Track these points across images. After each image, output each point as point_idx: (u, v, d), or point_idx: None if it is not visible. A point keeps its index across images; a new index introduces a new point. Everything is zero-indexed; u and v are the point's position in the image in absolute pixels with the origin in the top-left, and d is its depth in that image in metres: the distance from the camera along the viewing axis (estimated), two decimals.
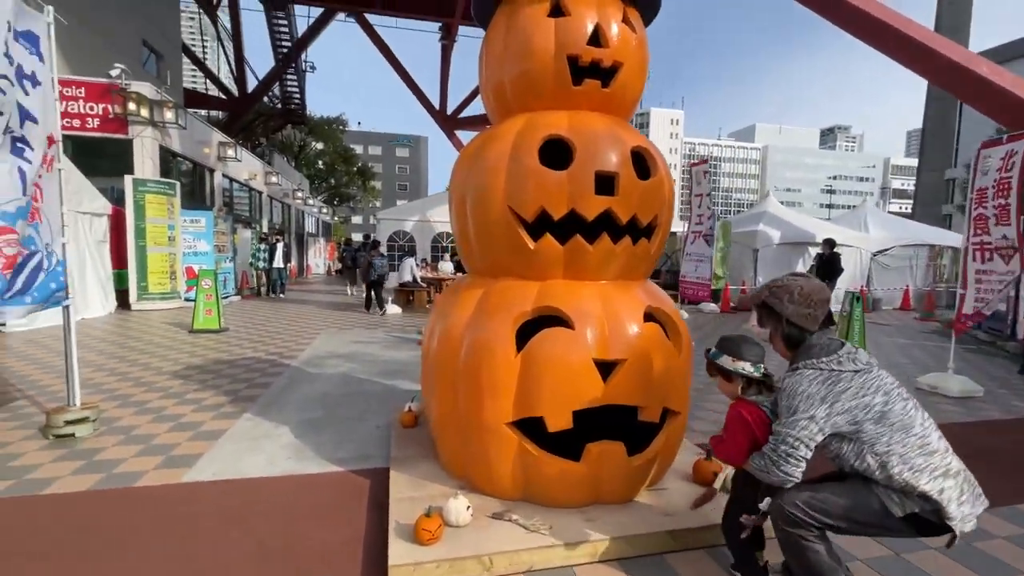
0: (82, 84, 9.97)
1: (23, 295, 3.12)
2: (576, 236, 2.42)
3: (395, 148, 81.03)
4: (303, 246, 26.39)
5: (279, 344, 6.85)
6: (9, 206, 3.06)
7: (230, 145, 14.09)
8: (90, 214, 9.32)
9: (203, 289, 7.64)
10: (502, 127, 2.59)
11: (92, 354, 5.97)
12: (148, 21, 18.25)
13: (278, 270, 13.40)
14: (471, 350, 2.40)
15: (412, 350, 6.68)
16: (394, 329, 8.46)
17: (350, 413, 4.07)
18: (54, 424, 3.39)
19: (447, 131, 31.18)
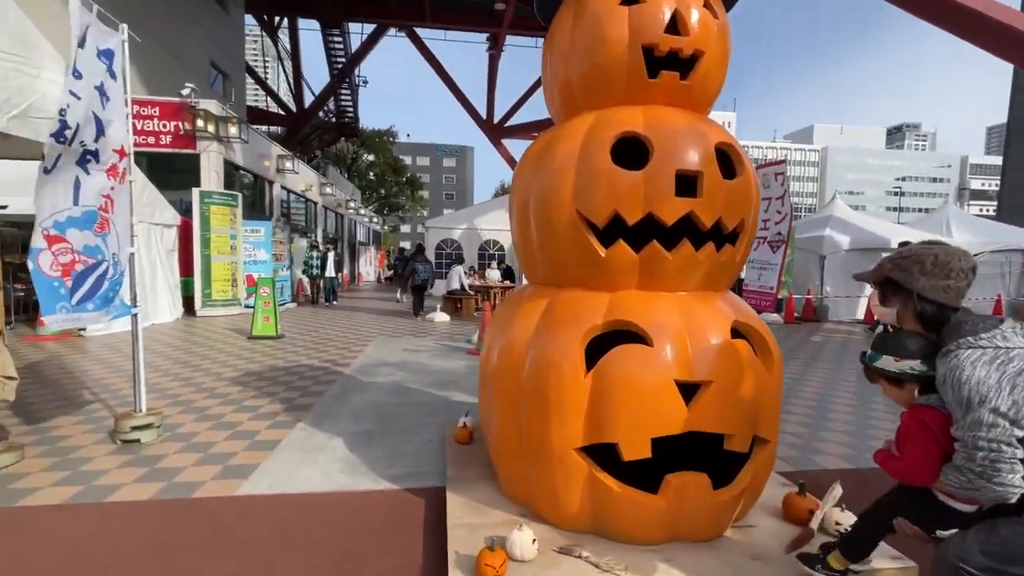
0: (157, 103, 10.63)
1: (85, 302, 3.20)
2: (652, 242, 2.18)
3: (442, 158, 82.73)
4: (355, 254, 27.18)
5: (332, 351, 6.92)
6: (60, 215, 3.14)
7: (288, 158, 14.66)
8: (161, 225, 9.86)
9: (261, 297, 7.87)
10: (569, 126, 2.40)
11: (160, 358, 6.21)
12: (216, 44, 19.40)
13: (329, 278, 13.68)
14: (536, 367, 2.21)
15: (462, 359, 6.57)
16: (443, 337, 8.41)
17: (402, 425, 3.97)
18: (121, 429, 3.46)
19: (494, 140, 31.44)
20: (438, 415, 4.22)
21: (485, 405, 2.74)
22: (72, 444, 3.46)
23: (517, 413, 2.33)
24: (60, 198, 3.07)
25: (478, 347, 7.00)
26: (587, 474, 2.14)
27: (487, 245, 18.62)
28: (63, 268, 3.15)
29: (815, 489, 2.52)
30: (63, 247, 3.16)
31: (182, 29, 16.19)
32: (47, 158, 2.88)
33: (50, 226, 3.09)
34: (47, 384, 5.00)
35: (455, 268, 11.81)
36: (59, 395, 4.63)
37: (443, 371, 5.88)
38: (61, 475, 2.98)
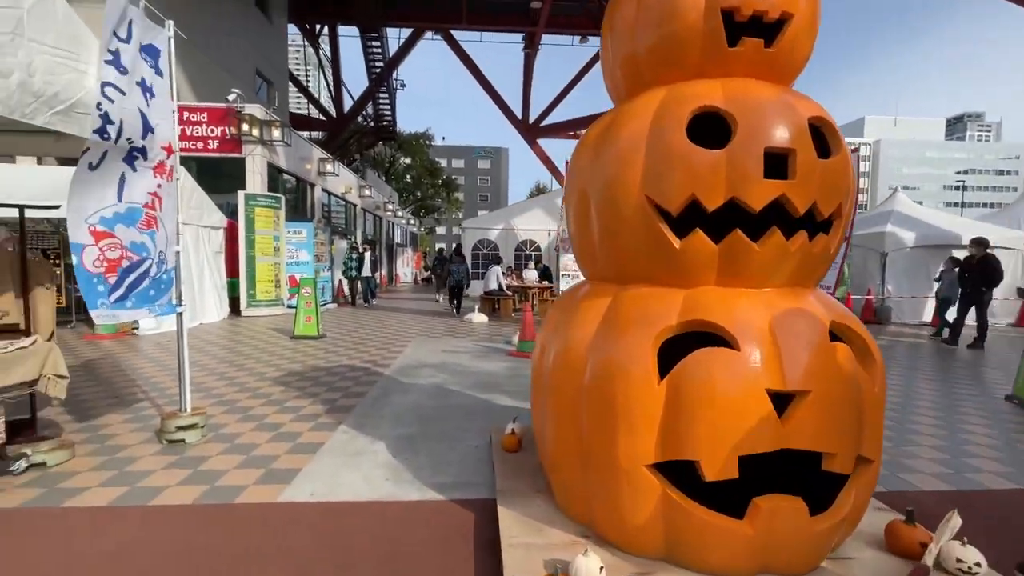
0: (205, 109, 10.96)
1: (124, 300, 3.17)
2: (736, 232, 1.92)
3: (476, 160, 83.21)
4: (392, 256, 27.53)
5: (372, 352, 6.86)
6: (106, 211, 3.11)
7: (328, 160, 14.91)
8: (209, 227, 10.12)
9: (303, 297, 7.92)
10: (636, 104, 2.16)
11: (206, 358, 6.30)
12: (260, 53, 20.02)
13: (366, 279, 13.74)
14: (600, 373, 1.98)
15: (502, 361, 6.38)
16: (482, 338, 8.25)
17: (446, 430, 3.80)
18: (167, 429, 3.43)
19: (529, 140, 31.29)
20: (482, 419, 4.03)
21: (538, 412, 2.53)
22: (120, 443, 3.45)
23: (577, 423, 2.10)
24: (106, 194, 3.05)
25: (519, 348, 6.80)
26: (660, 494, 1.89)
27: (524, 245, 18.42)
28: (109, 264, 3.13)
29: (919, 515, 2.18)
30: (112, 243, 3.14)
31: (229, 39, 16.75)
32: (92, 154, 2.85)
33: (96, 222, 3.06)
34: (101, 381, 5.11)
35: (493, 268, 11.67)
36: (111, 392, 4.71)
37: (484, 373, 5.70)
38: (108, 475, 2.95)
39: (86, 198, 2.94)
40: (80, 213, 2.94)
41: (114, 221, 3.13)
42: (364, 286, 13.75)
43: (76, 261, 2.98)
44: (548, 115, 30.41)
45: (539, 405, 2.50)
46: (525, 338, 6.76)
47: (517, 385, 5.18)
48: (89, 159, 2.89)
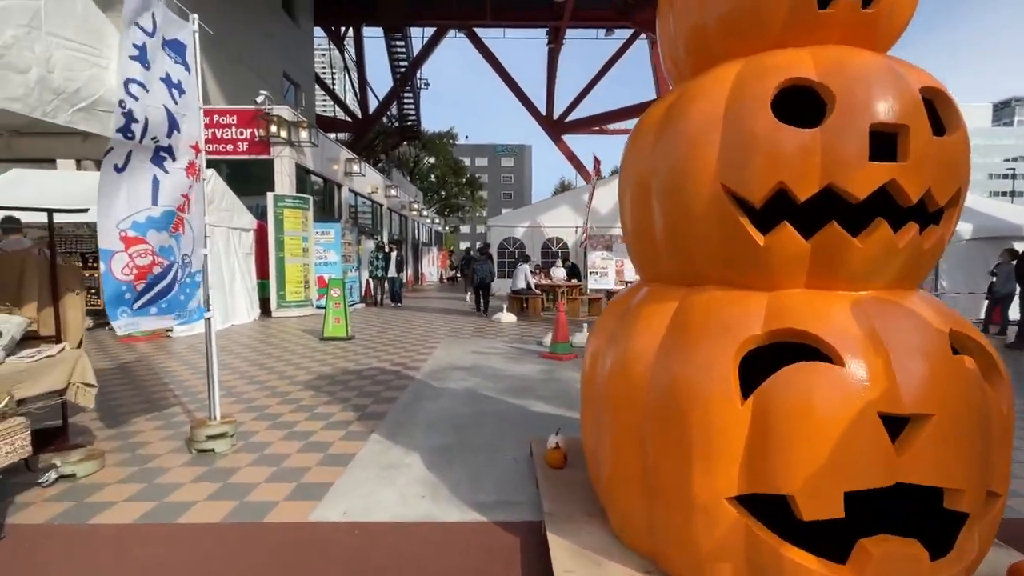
0: (234, 112, 11.04)
1: (148, 306, 3.05)
2: (831, 225, 1.63)
3: (500, 158, 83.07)
4: (418, 255, 27.61)
5: (402, 354, 6.72)
6: (139, 216, 3.00)
7: (355, 161, 14.92)
8: (239, 229, 10.18)
9: (332, 298, 7.84)
10: (706, 80, 1.88)
11: (237, 360, 6.26)
12: (288, 56, 20.24)
13: (392, 279, 13.51)
14: (670, 391, 1.72)
15: (535, 363, 6.14)
16: (512, 339, 8.03)
17: (482, 439, 3.59)
18: (197, 439, 3.32)
19: (554, 136, 30.97)
20: (519, 428, 3.81)
21: (590, 428, 2.28)
22: (150, 452, 3.35)
23: (640, 445, 1.85)
24: (139, 198, 2.93)
25: (551, 350, 6.55)
26: (743, 531, 1.63)
27: (550, 243, 18.13)
28: (139, 271, 3.01)
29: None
30: (142, 249, 3.03)
31: (257, 43, 16.95)
32: (116, 155, 2.74)
33: (128, 227, 2.95)
34: (135, 385, 5.09)
35: (521, 267, 11.43)
36: (143, 397, 4.67)
37: (517, 376, 5.47)
38: (136, 488, 2.84)
39: (115, 202, 2.82)
40: (111, 218, 2.83)
41: (147, 226, 3.02)
42: (391, 286, 13.62)
43: (104, 268, 2.87)
44: (572, 111, 30.02)
45: (591, 421, 2.26)
46: (558, 339, 6.50)
47: (552, 390, 4.94)
48: (114, 161, 2.78)
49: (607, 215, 18.07)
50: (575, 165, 32.45)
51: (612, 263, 17.35)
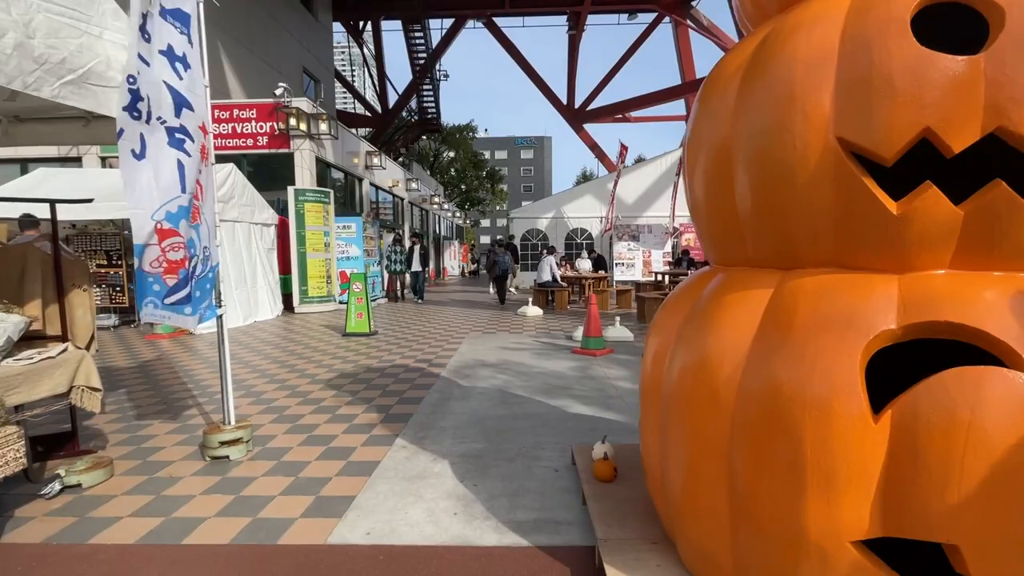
0: (254, 106, 10.91)
1: (183, 305, 2.81)
2: (996, 184, 1.23)
3: (520, 150, 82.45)
4: (439, 249, 27.45)
5: (426, 350, 6.45)
6: (171, 205, 2.75)
7: (375, 154, 14.72)
8: (261, 224, 10.06)
9: (354, 293, 7.62)
10: (809, 8, 1.49)
11: (258, 358, 6.08)
12: (307, 50, 20.16)
13: (415, 274, 12.84)
14: (771, 399, 1.36)
15: (567, 359, 5.79)
16: (539, 333, 7.69)
17: (517, 445, 3.26)
18: (210, 445, 3.08)
19: (575, 126, 30.38)
20: (558, 432, 3.47)
21: (652, 439, 1.93)
22: (162, 459, 3.13)
23: (725, 462, 1.49)
24: (168, 185, 2.69)
25: (583, 345, 6.18)
26: None
27: (574, 234, 17.70)
28: (169, 265, 2.79)
29: None
30: (176, 242, 2.81)
31: (277, 38, 16.88)
32: (129, 138, 2.49)
33: (163, 218, 2.73)
34: (154, 385, 4.92)
35: (546, 258, 11.06)
36: (161, 398, 4.48)
37: (549, 374, 5.13)
38: (144, 500, 2.61)
39: (141, 191, 2.60)
40: (143, 209, 2.61)
41: (179, 216, 2.79)
42: (413, 281, 13.09)
43: (137, 264, 2.67)
44: (594, 99, 29.37)
45: (653, 431, 1.91)
46: (590, 333, 6.13)
47: (589, 388, 4.58)
48: (130, 146, 2.53)
49: (633, 204, 17.53)
50: (597, 154, 31.83)
51: (639, 254, 16.84)
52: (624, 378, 4.94)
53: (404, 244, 13.15)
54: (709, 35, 24.12)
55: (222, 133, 10.81)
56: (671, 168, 17.12)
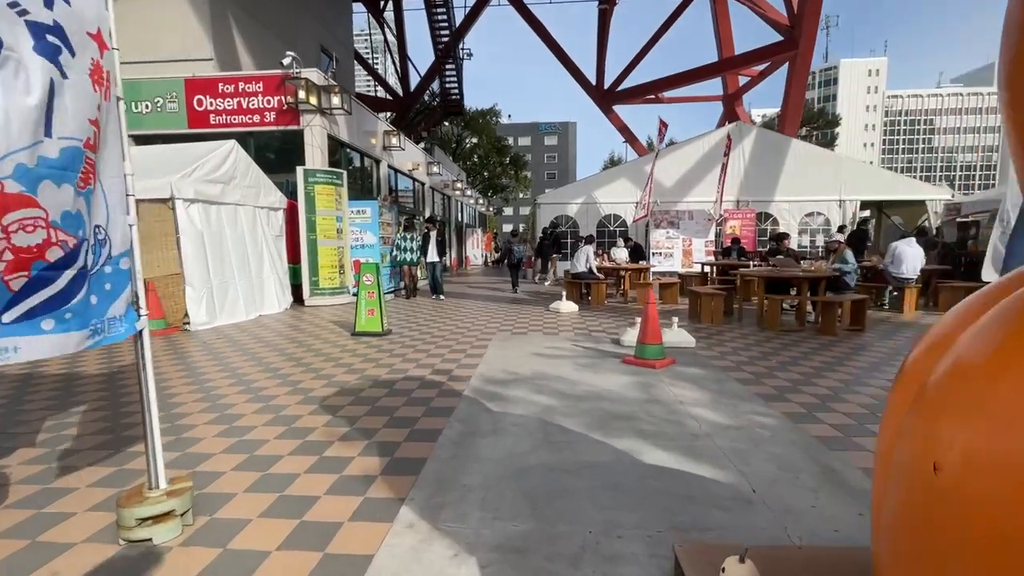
0: (260, 78, 9.96)
1: (40, 316, 1.77)
2: None
3: (543, 136, 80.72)
4: (462, 237, 26.45)
5: (446, 355, 5.41)
6: (26, 155, 1.68)
7: (394, 134, 13.69)
8: (267, 208, 9.15)
9: (365, 286, 6.62)
10: None
11: (249, 363, 5.13)
12: (324, 27, 19.19)
13: (432, 264, 11.08)
14: None
15: (617, 370, 4.67)
16: (578, 334, 6.56)
17: (578, 528, 2.17)
18: (125, 523, 2.07)
19: (604, 108, 28.91)
20: (635, 502, 2.37)
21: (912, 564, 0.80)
22: (58, 540, 2.15)
23: None
24: (25, 119, 1.63)
25: (638, 354, 5.03)
26: None
27: (607, 220, 16.42)
28: (17, 258, 1.72)
29: None
30: (30, 217, 1.74)
31: (293, 13, 15.91)
32: None
33: (9, 173, 1.66)
34: (107, 406, 4.00)
35: (583, 248, 9.87)
36: (107, 425, 3.54)
37: (603, 395, 4.02)
38: None
39: None
40: None
41: (41, 173, 1.71)
42: (431, 273, 11.23)
43: None
44: (625, 79, 27.79)
45: (914, 550, 0.78)
46: (648, 339, 4.98)
47: (660, 419, 3.46)
48: None
49: (672, 188, 16.11)
50: (627, 138, 30.29)
51: (678, 242, 15.47)
52: (703, 403, 3.79)
53: (417, 230, 11.37)
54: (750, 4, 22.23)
55: (226, 109, 9.91)
56: (715, 148, 15.63)
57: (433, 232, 11.21)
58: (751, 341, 6.14)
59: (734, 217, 15.42)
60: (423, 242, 11.07)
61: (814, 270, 6.98)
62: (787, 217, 16.02)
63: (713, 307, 7.18)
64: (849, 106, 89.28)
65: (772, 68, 25.05)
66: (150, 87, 10.00)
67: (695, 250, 15.30)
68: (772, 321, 6.60)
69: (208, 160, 7.66)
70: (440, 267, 11.14)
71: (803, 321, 6.79)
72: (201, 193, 7.38)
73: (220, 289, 7.64)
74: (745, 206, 15.82)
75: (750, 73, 26.94)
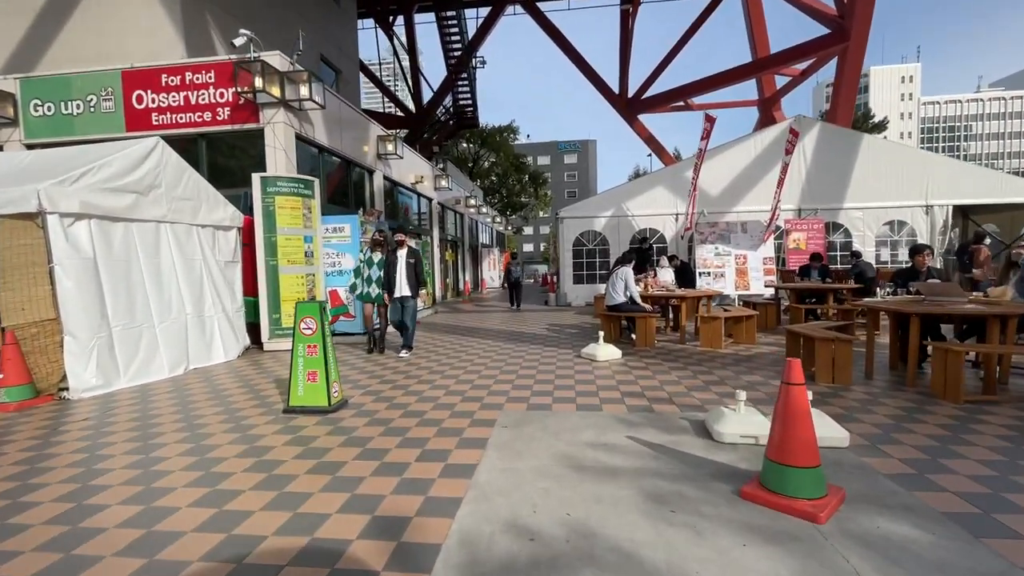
0: (211, 67, 8.02)
1: None
2: None
3: (563, 155, 79.20)
4: (477, 258, 24.33)
5: (411, 465, 3.07)
6: None
7: (389, 139, 11.66)
8: (213, 227, 7.07)
9: (302, 337, 4.36)
10: None
11: (79, 491, 2.87)
12: (325, 37, 17.61)
13: (399, 302, 6.74)
14: None
15: (742, 526, 2.24)
16: (632, 405, 4.14)
17: None
18: None
19: (628, 117, 26.80)
20: None
21: None
22: None
23: None
24: None
25: (778, 487, 2.58)
26: None
27: (641, 236, 14.00)
28: None
29: None
30: None
31: (289, 21, 14.27)
32: None
33: None
34: None
35: (619, 271, 7.46)
36: None
37: None
38: None
39: None
40: None
41: None
42: (397, 317, 6.86)
43: None
44: (650, 87, 25.74)
45: None
46: (792, 459, 2.49)
47: None
48: None
49: (720, 196, 13.63)
50: (654, 148, 28.07)
51: (730, 259, 12.89)
52: None
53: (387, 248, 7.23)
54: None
55: (171, 106, 7.99)
56: (771, 148, 13.18)
57: (402, 252, 6.80)
58: (936, 427, 3.63)
59: (798, 228, 12.83)
60: (385, 268, 6.90)
61: (997, 298, 4.45)
62: (860, 227, 13.36)
63: (837, 358, 4.68)
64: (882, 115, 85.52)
65: (816, 65, 22.61)
66: (83, 83, 8.18)
67: (751, 268, 12.71)
68: (953, 387, 4.05)
69: (110, 162, 5.62)
70: (413, 308, 6.83)
71: (993, 385, 4.21)
72: (94, 206, 5.31)
73: (125, 339, 5.50)
74: (810, 215, 13.23)
75: (791, 73, 24.55)
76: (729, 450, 3.23)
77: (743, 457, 3.11)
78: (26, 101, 8.33)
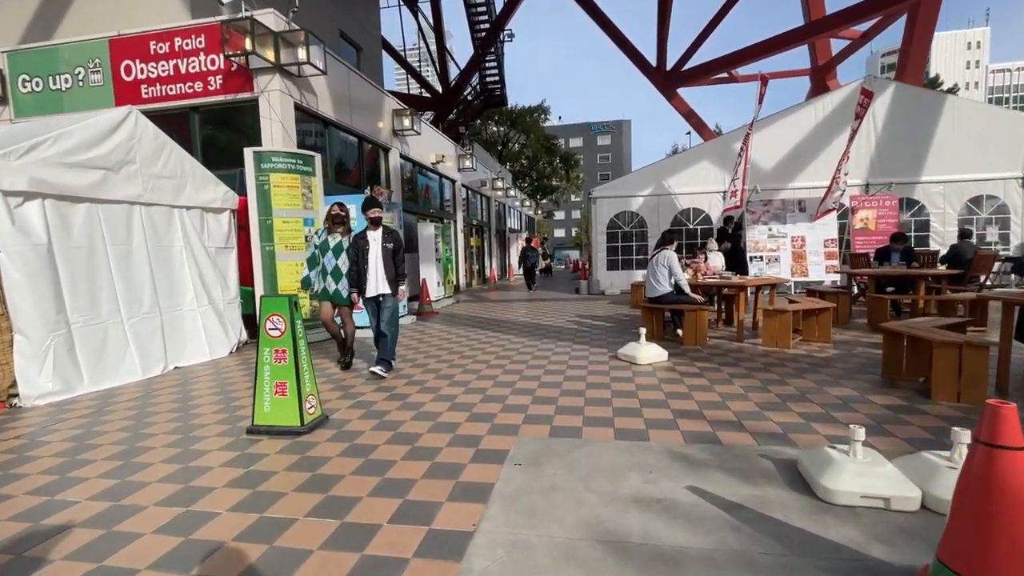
0: (200, 30, 7.22)
1: None
2: None
3: (596, 136, 76.77)
4: (504, 243, 23.34)
5: (377, 542, 2.15)
6: None
7: (405, 113, 10.72)
8: (200, 208, 6.32)
9: (268, 338, 3.49)
10: None
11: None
12: (345, 12, 16.75)
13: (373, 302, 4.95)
14: None
15: None
16: (685, 427, 3.10)
17: None
18: None
19: (667, 92, 25.07)
20: None
21: None
22: None
23: None
24: None
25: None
26: None
27: (685, 216, 12.68)
28: None
29: None
30: None
31: None
32: None
33: None
34: None
35: (662, 256, 6.32)
36: None
37: None
38: None
39: None
40: None
41: None
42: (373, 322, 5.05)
43: None
44: (690, 58, 23.91)
45: None
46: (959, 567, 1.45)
47: None
48: None
49: (773, 170, 12.13)
50: (694, 124, 26.25)
51: (786, 242, 11.45)
52: None
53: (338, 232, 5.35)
54: None
55: (160, 76, 7.27)
56: (835, 114, 11.58)
57: (375, 234, 4.93)
58: None
59: (866, 206, 11.24)
60: (353, 255, 4.98)
61: None
62: (940, 203, 11.65)
63: (967, 367, 3.48)
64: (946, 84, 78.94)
65: (881, 25, 20.32)
66: (70, 54, 7.55)
67: (810, 252, 11.23)
68: None
69: (70, 133, 4.87)
70: (393, 309, 4.96)
71: None
72: (48, 184, 4.58)
73: (87, 337, 4.80)
74: (881, 190, 11.59)
75: (850, 35, 22.23)
76: (846, 517, 2.17)
77: (871, 532, 2.04)
78: (14, 77, 7.79)
